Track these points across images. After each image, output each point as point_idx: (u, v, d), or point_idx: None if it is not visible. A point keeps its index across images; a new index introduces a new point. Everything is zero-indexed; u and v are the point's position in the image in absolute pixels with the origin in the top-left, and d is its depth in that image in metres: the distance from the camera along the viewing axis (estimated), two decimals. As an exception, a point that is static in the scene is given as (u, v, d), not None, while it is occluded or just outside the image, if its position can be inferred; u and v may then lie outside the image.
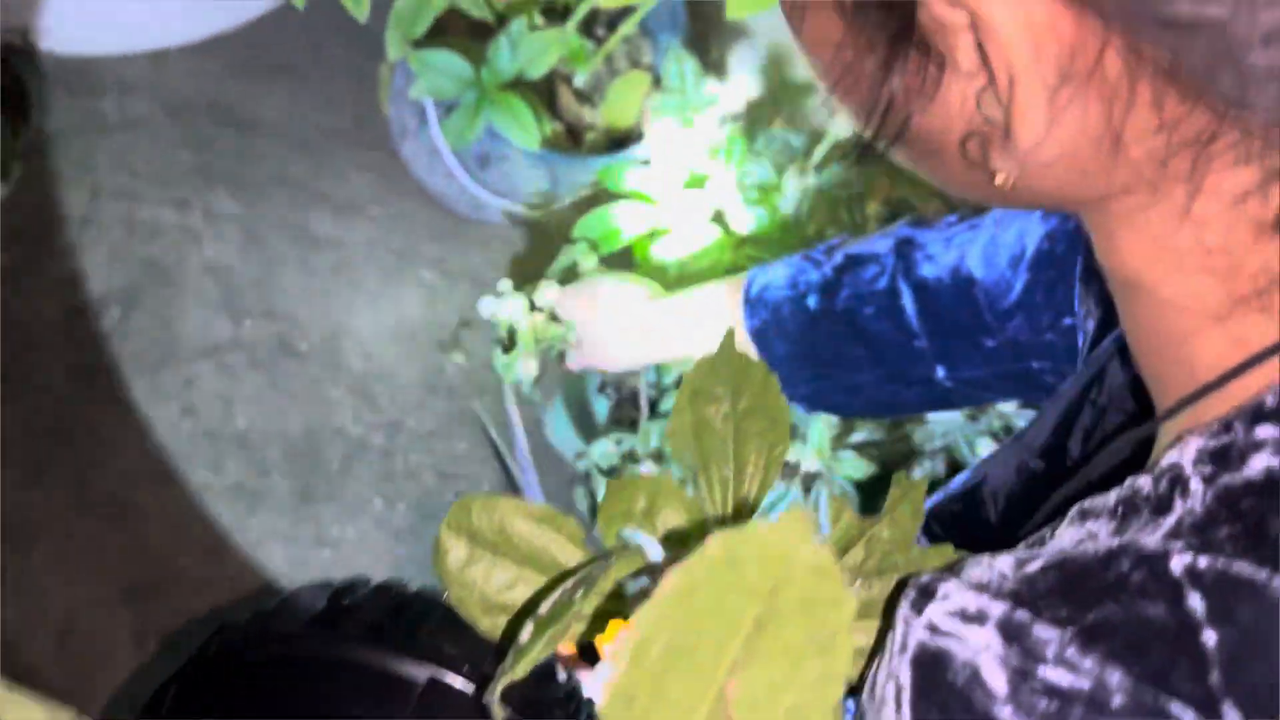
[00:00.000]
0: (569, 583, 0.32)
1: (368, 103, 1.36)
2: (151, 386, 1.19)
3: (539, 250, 1.40)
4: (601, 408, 1.28)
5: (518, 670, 0.29)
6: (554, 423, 1.29)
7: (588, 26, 1.24)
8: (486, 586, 0.33)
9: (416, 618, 0.38)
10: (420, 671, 0.36)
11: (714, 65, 1.28)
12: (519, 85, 1.12)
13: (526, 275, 0.92)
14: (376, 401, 1.27)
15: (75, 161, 1.21)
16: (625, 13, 1.26)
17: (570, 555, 0.33)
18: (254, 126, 1.31)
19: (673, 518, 0.32)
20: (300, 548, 1.20)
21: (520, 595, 0.33)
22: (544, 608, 0.31)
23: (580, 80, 1.23)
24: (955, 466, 1.07)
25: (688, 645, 0.18)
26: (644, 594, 0.32)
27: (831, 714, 0.19)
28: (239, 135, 1.30)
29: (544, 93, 1.21)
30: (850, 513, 0.32)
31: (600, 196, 1.20)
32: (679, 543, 0.32)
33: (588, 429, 1.27)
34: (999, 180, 0.32)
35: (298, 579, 1.19)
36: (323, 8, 0.99)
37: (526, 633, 0.31)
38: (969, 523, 0.49)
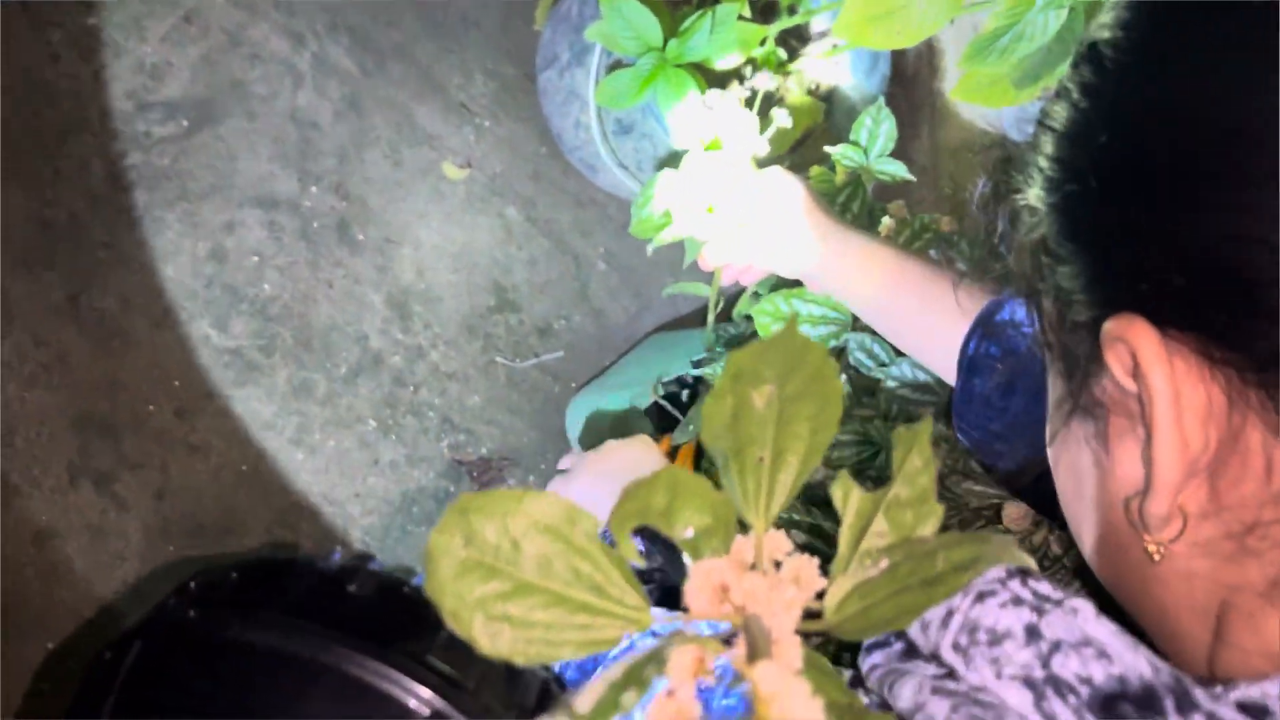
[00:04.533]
0: (613, 673, 0.27)
1: (521, 11, 1.25)
2: (190, 215, 1.07)
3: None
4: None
5: None
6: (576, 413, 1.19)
7: (783, 34, 1.13)
8: (486, 596, 0.28)
9: (427, 627, 0.31)
10: (423, 703, 0.29)
11: (908, 140, 1.17)
12: (696, 69, 1.01)
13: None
14: (411, 322, 1.16)
15: (205, -51, 1.09)
16: (827, 32, 1.15)
17: (585, 560, 0.29)
18: (399, -12, 1.20)
19: (696, 518, 0.29)
20: (276, 438, 1.09)
21: (525, 606, 0.29)
22: (584, 702, 0.26)
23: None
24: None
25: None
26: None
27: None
28: (380, -10, 1.18)
29: (715, 84, 1.10)
30: (857, 490, 0.30)
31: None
32: (703, 544, 0.29)
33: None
34: (1149, 546, 0.35)
35: (262, 470, 1.08)
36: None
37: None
38: None
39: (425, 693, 0.29)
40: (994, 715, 0.33)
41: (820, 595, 0.29)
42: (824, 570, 0.29)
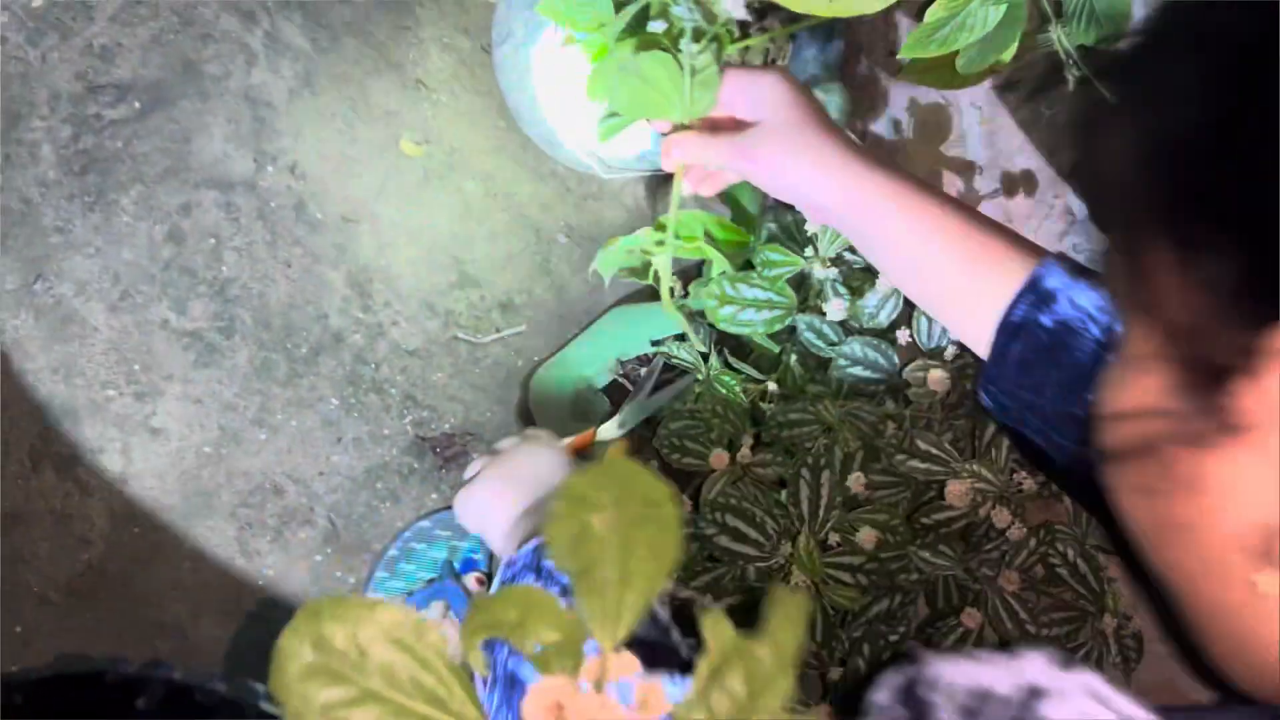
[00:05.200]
0: None
1: (478, -18, 1.24)
2: (145, 198, 1.07)
3: (591, 210, 1.30)
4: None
5: None
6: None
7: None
8: (330, 702, 0.29)
9: None
10: None
11: (860, 111, 1.18)
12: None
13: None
14: (371, 300, 1.17)
15: (151, -73, 1.08)
16: (780, 12, 1.15)
17: (429, 672, 0.30)
18: (352, -39, 1.18)
19: (546, 634, 0.30)
20: (238, 419, 1.10)
21: (368, 716, 0.30)
22: None
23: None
24: (931, 602, 1.00)
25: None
26: None
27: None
28: (333, -36, 1.17)
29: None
30: (728, 630, 0.30)
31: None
32: (553, 660, 0.30)
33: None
34: (1262, 586, 0.33)
35: (225, 452, 1.09)
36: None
37: None
38: None
39: None
40: None
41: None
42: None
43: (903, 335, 0.99)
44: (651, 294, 1.31)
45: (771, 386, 1.00)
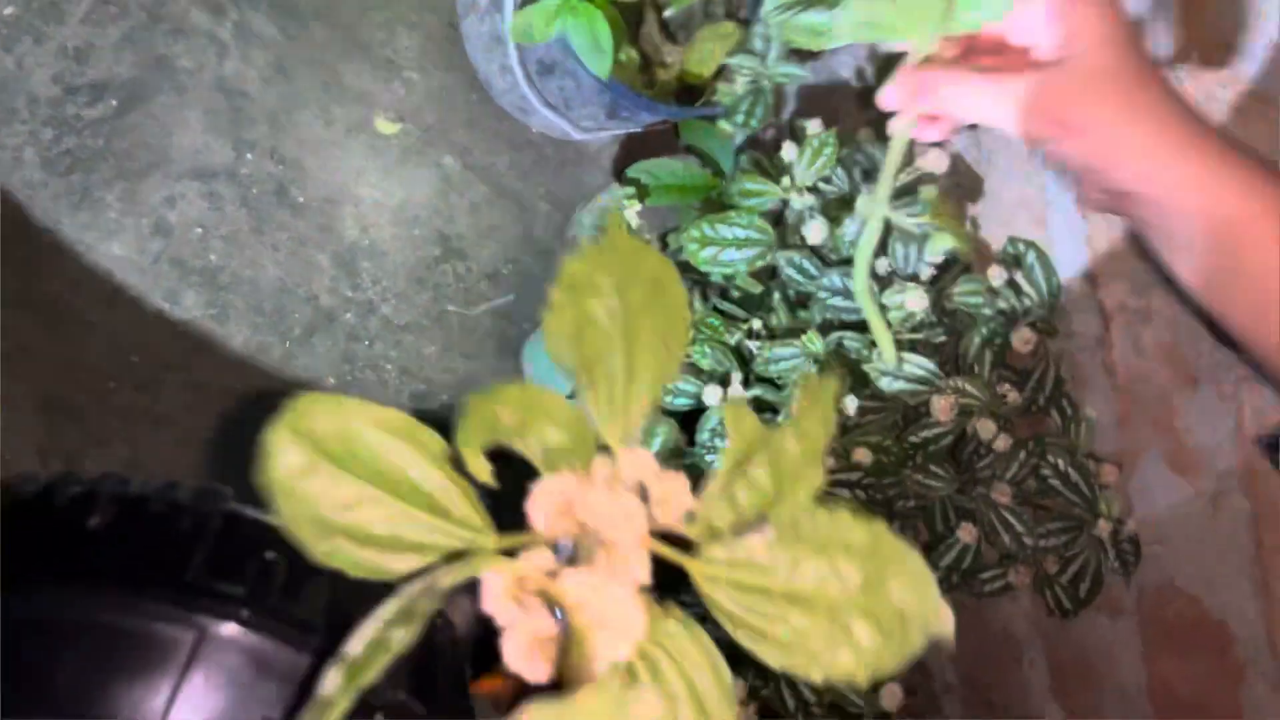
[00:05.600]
0: (387, 610, 0.26)
1: (440, -40, 1.26)
2: (130, 193, 1.09)
3: (568, 175, 1.32)
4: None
5: None
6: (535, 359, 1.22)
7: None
8: (325, 502, 0.28)
9: (184, 544, 0.30)
10: (185, 632, 0.28)
11: (831, 52, 1.19)
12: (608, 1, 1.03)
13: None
14: (359, 278, 1.19)
15: (113, -72, 1.10)
16: (740, -43, 1.16)
17: (427, 476, 0.28)
18: (314, -52, 1.20)
19: (551, 436, 0.27)
20: (237, 404, 1.13)
21: (365, 516, 0.27)
22: (355, 644, 0.26)
23: (671, 12, 1.14)
24: (931, 527, 1.02)
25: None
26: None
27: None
28: (295, -47, 1.19)
29: (631, 14, 1.11)
30: (751, 419, 0.27)
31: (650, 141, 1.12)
32: (561, 462, 0.27)
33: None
34: None
35: (228, 436, 1.12)
36: None
37: (331, 682, 0.25)
38: None
39: (201, 619, 0.28)
40: None
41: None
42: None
43: (882, 264, 1.01)
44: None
45: (756, 324, 1.01)
